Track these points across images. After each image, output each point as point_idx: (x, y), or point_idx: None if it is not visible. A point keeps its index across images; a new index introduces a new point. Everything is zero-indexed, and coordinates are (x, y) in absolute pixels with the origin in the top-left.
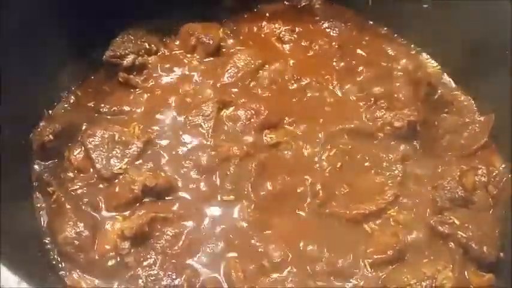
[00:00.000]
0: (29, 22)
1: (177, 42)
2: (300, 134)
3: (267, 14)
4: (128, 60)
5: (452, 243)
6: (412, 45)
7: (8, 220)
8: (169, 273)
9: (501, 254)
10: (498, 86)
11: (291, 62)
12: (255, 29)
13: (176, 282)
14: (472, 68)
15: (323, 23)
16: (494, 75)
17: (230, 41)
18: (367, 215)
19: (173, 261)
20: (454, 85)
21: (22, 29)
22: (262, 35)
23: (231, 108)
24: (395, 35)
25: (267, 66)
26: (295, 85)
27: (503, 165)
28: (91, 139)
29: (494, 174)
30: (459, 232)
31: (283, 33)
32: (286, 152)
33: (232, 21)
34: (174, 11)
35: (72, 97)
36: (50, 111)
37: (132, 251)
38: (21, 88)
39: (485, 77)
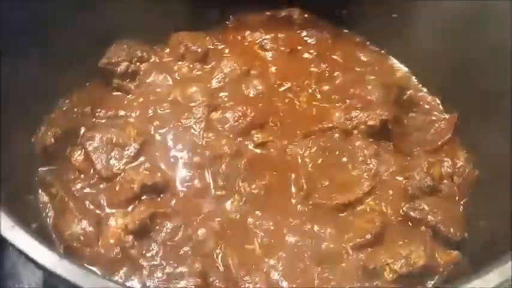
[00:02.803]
0: (30, 33)
1: (167, 51)
2: (284, 134)
3: (250, 24)
4: (122, 67)
5: (423, 227)
6: (383, 52)
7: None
8: (171, 262)
9: (465, 234)
10: (462, 87)
11: (273, 68)
12: (239, 37)
13: (178, 270)
14: (438, 71)
15: (301, 32)
16: (458, 78)
17: (217, 49)
18: (347, 204)
19: (174, 251)
20: (421, 87)
21: (23, 39)
22: (246, 43)
23: (220, 111)
24: (368, 43)
25: (251, 72)
26: (277, 89)
27: (464, 157)
28: (90, 142)
29: (458, 165)
30: (429, 217)
31: (265, 41)
32: (271, 150)
33: (218, 30)
34: (164, 21)
35: (69, 103)
36: (49, 117)
37: (135, 243)
38: (21, 95)
39: (451, 80)
